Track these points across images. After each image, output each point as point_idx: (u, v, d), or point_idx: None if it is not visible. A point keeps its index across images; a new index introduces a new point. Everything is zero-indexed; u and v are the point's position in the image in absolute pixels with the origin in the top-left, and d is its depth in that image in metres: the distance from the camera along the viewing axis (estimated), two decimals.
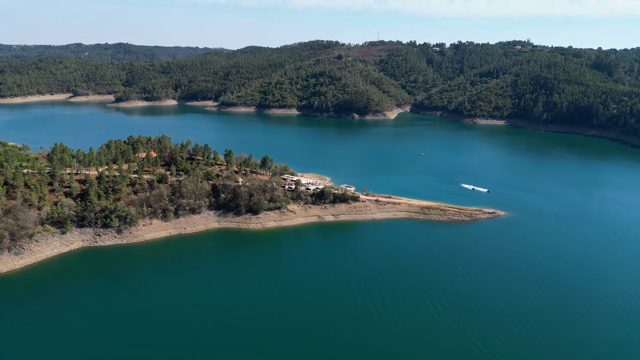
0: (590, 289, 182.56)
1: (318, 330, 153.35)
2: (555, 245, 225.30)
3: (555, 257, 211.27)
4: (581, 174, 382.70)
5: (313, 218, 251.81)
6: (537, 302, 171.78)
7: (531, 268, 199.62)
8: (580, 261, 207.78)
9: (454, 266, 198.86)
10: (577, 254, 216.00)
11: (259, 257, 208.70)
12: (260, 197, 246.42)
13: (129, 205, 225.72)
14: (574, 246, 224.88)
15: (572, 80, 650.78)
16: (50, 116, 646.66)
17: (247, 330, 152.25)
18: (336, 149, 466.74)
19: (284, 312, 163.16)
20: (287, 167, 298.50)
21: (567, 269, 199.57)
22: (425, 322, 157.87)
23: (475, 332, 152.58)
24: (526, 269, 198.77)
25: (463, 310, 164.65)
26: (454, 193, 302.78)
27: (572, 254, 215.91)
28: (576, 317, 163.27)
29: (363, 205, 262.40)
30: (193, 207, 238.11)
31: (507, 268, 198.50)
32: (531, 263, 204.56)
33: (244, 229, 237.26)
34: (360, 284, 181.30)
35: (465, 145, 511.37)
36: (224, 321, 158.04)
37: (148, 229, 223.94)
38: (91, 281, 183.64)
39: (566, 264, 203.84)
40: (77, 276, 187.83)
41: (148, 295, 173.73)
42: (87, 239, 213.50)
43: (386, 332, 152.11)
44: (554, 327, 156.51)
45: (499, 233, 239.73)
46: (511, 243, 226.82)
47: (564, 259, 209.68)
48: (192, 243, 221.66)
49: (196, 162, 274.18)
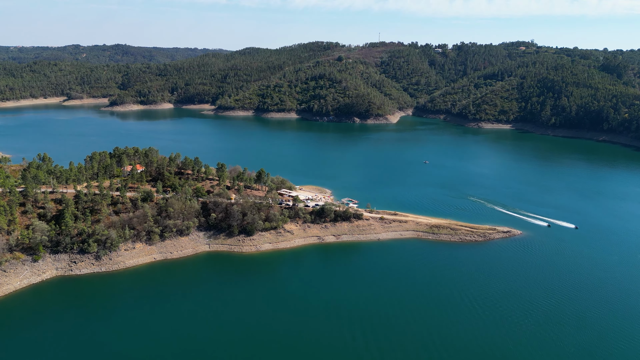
0: (626, 331, 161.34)
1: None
2: (578, 271, 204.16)
3: (580, 286, 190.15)
4: (596, 184, 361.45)
5: (312, 239, 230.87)
6: (564, 345, 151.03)
7: (554, 300, 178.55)
8: (610, 292, 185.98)
9: (466, 299, 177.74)
10: (604, 282, 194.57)
11: (252, 286, 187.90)
12: (255, 217, 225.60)
13: (110, 227, 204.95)
14: (600, 273, 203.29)
15: (581, 83, 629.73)
16: (42, 121, 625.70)
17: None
18: (337, 157, 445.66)
19: (281, 350, 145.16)
20: (285, 181, 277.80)
21: (594, 301, 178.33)
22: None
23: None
24: (549, 301, 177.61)
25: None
26: (463, 209, 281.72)
27: (598, 282, 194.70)
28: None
29: (367, 223, 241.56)
30: (181, 229, 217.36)
31: (527, 301, 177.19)
32: (554, 294, 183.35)
33: (236, 253, 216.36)
34: (363, 323, 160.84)
35: (472, 151, 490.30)
36: (213, 357, 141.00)
37: (130, 254, 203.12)
38: (65, 316, 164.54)
39: (593, 296, 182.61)
40: (50, 310, 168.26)
41: (130, 330, 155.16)
42: (62, 267, 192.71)
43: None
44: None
45: (516, 256, 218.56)
46: (529, 269, 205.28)
47: (590, 288, 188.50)
48: (178, 270, 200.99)
49: (185, 177, 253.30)
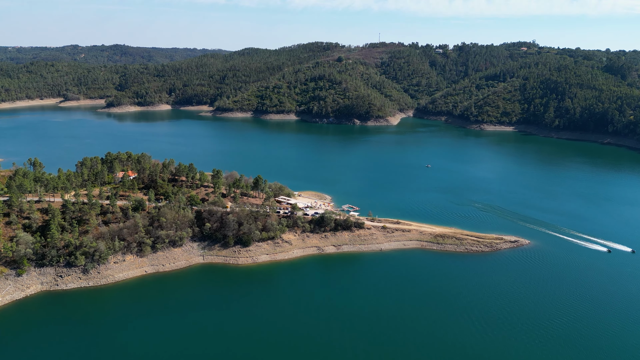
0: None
1: None
2: (592, 286, 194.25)
3: (594, 303, 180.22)
4: (604, 188, 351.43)
5: (311, 249, 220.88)
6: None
7: (568, 318, 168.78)
8: (628, 312, 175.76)
9: (473, 316, 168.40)
10: (621, 300, 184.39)
11: (248, 300, 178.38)
12: (251, 226, 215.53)
13: (98, 239, 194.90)
14: (615, 287, 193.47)
15: (585, 85, 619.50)
16: (37, 123, 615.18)
17: None
18: (337, 160, 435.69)
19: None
20: (283, 188, 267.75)
21: (610, 321, 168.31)
22: None
23: None
24: (561, 320, 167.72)
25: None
26: (467, 216, 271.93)
27: (614, 299, 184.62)
28: None
29: (368, 233, 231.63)
30: (173, 239, 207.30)
31: (538, 319, 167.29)
32: (567, 311, 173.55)
33: (231, 265, 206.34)
34: (365, 338, 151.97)
35: (474, 154, 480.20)
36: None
37: (120, 267, 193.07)
38: (51, 334, 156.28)
39: (609, 315, 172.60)
40: (34, 328, 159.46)
41: (119, 348, 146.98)
42: (47, 282, 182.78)
43: None
44: None
45: (524, 268, 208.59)
46: (539, 283, 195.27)
47: (606, 306, 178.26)
48: (171, 283, 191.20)
49: (179, 184, 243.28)
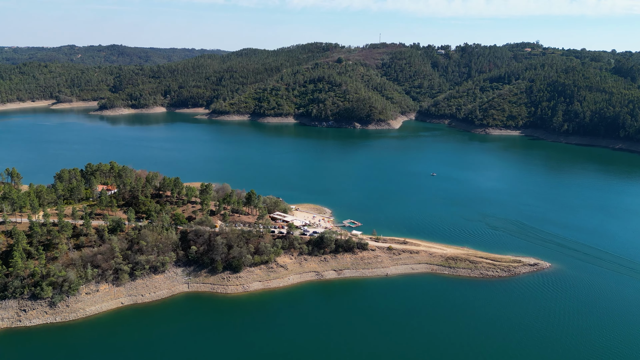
0: None
1: None
2: (623, 318, 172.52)
3: (627, 338, 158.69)
4: (624, 199, 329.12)
5: (309, 275, 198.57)
6: None
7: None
8: None
9: (492, 351, 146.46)
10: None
11: (238, 334, 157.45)
12: (242, 250, 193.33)
13: (69, 266, 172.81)
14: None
15: (594, 87, 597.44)
16: (26, 127, 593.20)
17: None
18: (337, 168, 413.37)
19: None
20: (279, 202, 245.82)
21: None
22: None
23: None
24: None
25: None
26: (479, 233, 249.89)
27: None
28: None
29: (372, 255, 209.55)
30: (155, 265, 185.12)
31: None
32: (597, 350, 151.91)
33: (220, 294, 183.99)
34: None
35: (481, 161, 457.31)
36: None
37: (92, 299, 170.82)
38: None
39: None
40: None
41: None
42: (9, 317, 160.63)
43: None
44: None
45: (547, 297, 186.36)
46: (564, 315, 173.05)
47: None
48: (150, 317, 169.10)
49: (164, 199, 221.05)
